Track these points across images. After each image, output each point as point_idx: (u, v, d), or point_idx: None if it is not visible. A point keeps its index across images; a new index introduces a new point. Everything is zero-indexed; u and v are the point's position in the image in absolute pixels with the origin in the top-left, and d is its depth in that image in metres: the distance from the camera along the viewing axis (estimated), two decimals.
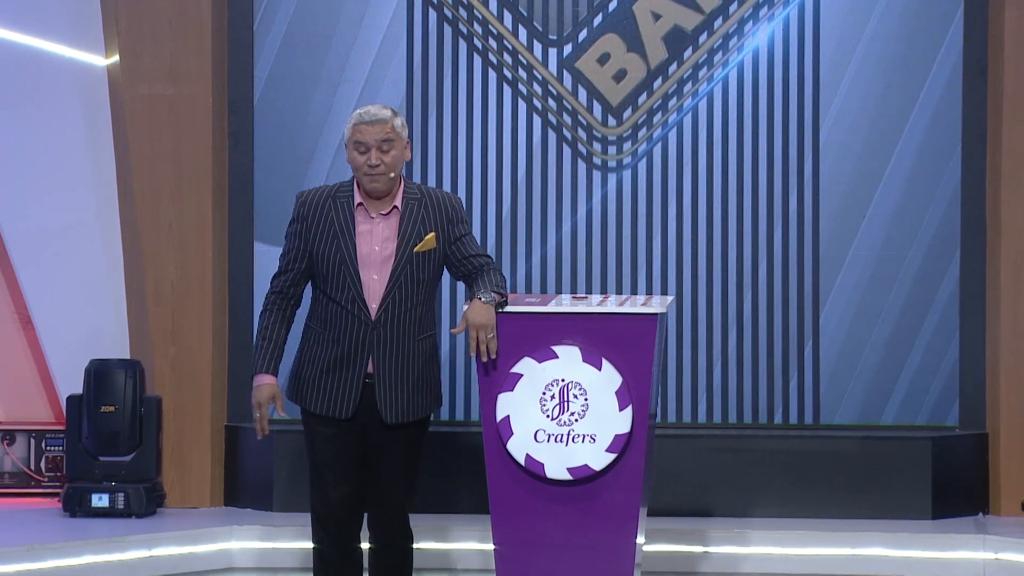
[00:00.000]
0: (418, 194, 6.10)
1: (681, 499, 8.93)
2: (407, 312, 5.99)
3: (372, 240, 6.02)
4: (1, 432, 9.72)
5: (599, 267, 9.36)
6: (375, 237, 6.02)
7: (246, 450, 9.33)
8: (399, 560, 6.22)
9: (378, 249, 6.01)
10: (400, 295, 5.99)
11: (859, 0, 9.26)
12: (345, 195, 6.06)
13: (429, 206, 6.08)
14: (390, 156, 6.00)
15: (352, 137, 6.04)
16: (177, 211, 9.32)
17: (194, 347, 9.34)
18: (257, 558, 8.63)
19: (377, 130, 6.02)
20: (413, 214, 6.04)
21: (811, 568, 8.49)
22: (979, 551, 8.47)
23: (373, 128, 6.02)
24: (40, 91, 9.34)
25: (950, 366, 9.28)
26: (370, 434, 6.03)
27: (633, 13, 9.34)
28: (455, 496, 8.63)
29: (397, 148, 6.03)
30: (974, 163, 9.25)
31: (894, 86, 9.26)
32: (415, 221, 6.03)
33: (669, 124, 9.34)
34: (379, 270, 5.99)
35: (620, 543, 5.73)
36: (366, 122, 6.03)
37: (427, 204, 6.08)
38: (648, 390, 5.71)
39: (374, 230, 6.03)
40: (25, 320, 9.76)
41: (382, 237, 6.02)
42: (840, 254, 9.29)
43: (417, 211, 6.05)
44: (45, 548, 8.14)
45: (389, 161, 6.00)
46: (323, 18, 9.39)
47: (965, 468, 9.15)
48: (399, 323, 5.98)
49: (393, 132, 6.03)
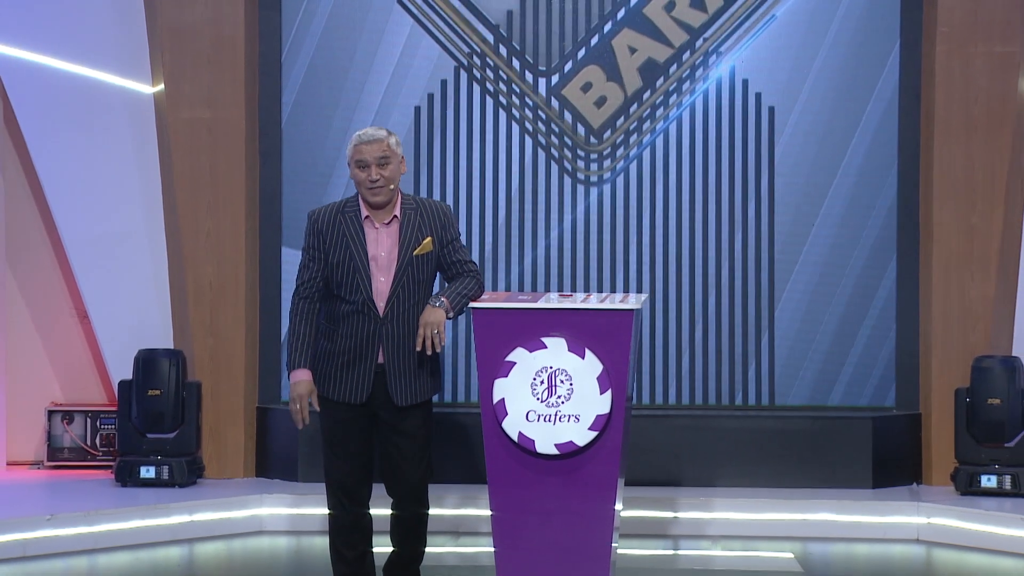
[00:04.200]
0: (414, 204, 6.09)
1: (654, 471, 8.91)
2: (410, 309, 5.98)
3: (379, 246, 6.01)
4: (61, 412, 9.70)
5: (582, 269, 9.34)
6: (380, 244, 6.01)
7: (274, 428, 9.32)
8: (414, 523, 6.21)
9: (384, 255, 6.00)
10: (403, 294, 5.98)
11: (809, 36, 9.25)
12: (352, 210, 6.05)
13: (424, 214, 6.07)
14: (388, 170, 6.00)
15: (353, 156, 6.03)
16: (214, 220, 9.30)
17: (229, 338, 9.32)
18: (284, 522, 8.62)
19: (375, 148, 6.00)
20: (411, 221, 6.04)
21: (767, 531, 8.48)
22: (913, 516, 8.47)
23: (371, 147, 6.00)
24: (95, 116, 9.32)
25: (888, 355, 9.27)
26: (381, 416, 6.02)
27: (612, 47, 9.33)
28: (456, 468, 8.61)
29: (393, 163, 6.02)
30: (909, 178, 9.24)
31: (839, 111, 9.25)
32: (413, 228, 6.03)
33: (644, 144, 9.33)
34: (385, 272, 5.99)
35: (601, 509, 5.71)
36: (364, 142, 6.01)
37: (422, 212, 6.07)
38: (625, 376, 5.69)
39: (379, 238, 6.02)
40: (82, 315, 9.75)
41: (387, 244, 6.01)
42: (792, 257, 9.28)
43: (414, 219, 6.04)
44: (100, 514, 8.14)
45: (387, 175, 5.99)
46: (342, 52, 9.38)
47: (901, 444, 9.14)
48: (404, 318, 5.97)
49: (389, 150, 6.01)
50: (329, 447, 6.09)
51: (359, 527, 6.12)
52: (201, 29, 9.25)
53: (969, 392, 8.87)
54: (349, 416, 6.03)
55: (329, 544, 6.17)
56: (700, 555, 8.05)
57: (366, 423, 6.05)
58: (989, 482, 8.74)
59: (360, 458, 6.07)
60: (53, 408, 9.71)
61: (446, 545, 8.08)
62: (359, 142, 6.01)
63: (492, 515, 5.78)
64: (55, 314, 9.89)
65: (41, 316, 9.88)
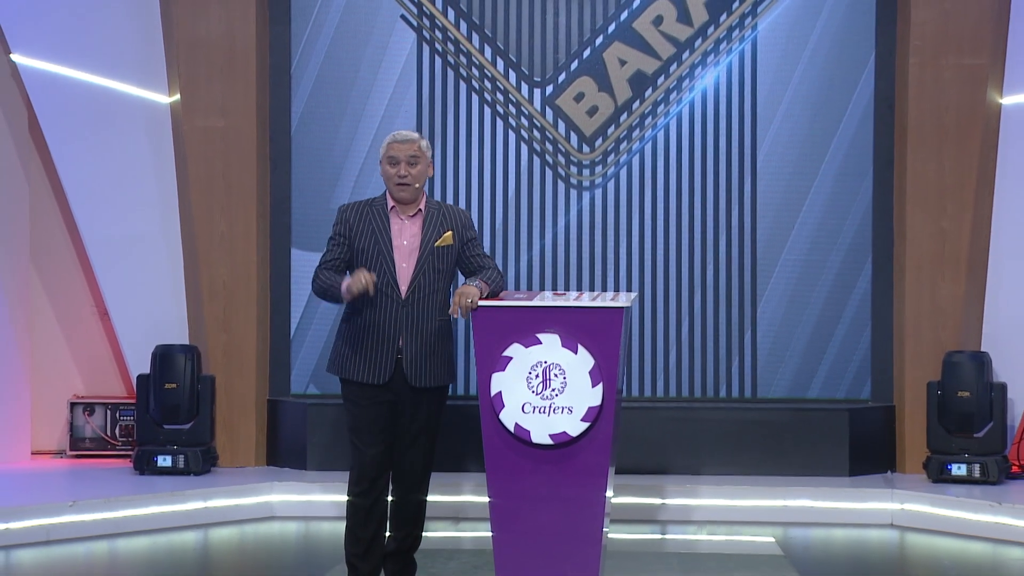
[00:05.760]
0: (437, 206, 6.21)
1: (643, 460, 8.92)
2: (429, 296, 6.05)
3: (402, 236, 6.10)
4: (82, 405, 9.70)
5: (575, 269, 9.35)
6: (404, 234, 6.10)
7: (284, 419, 9.32)
8: (414, 510, 6.25)
9: (407, 243, 6.09)
10: (424, 280, 6.05)
11: (789, 49, 9.26)
12: (380, 204, 6.17)
13: (447, 214, 6.19)
14: (416, 169, 6.09)
15: (386, 153, 6.11)
16: (227, 223, 9.30)
17: (241, 334, 9.32)
18: (294, 508, 8.62)
19: (406, 148, 6.10)
20: (434, 218, 6.14)
21: (750, 517, 8.49)
22: (888, 503, 8.48)
23: (403, 146, 6.10)
24: (115, 124, 9.32)
25: (864, 350, 9.28)
26: (399, 399, 6.06)
27: (603, 60, 9.33)
28: (456, 457, 8.61)
29: (422, 164, 6.11)
30: (884, 183, 9.25)
31: (818, 119, 9.26)
32: (435, 223, 6.13)
33: (633, 151, 9.33)
34: (407, 260, 6.07)
35: (593, 496, 5.71)
36: (398, 141, 6.13)
37: (444, 213, 6.19)
38: (616, 370, 5.70)
39: (403, 229, 6.11)
40: (102, 312, 9.75)
41: (410, 234, 6.10)
42: (774, 258, 9.28)
43: (437, 217, 6.15)
44: (119, 500, 8.15)
45: (415, 173, 6.09)
46: (348, 64, 9.38)
47: (876, 434, 9.15)
48: (423, 304, 6.04)
49: (419, 151, 6.11)
50: (355, 434, 6.11)
51: (376, 510, 6.13)
52: (215, 42, 9.26)
53: (940, 385, 8.88)
54: (370, 401, 6.06)
55: (345, 528, 6.17)
56: (686, 539, 8.05)
57: (387, 408, 6.08)
58: (959, 470, 8.75)
59: (381, 445, 6.09)
60: (75, 400, 9.72)
61: (447, 530, 8.09)
62: (392, 140, 6.13)
63: (490, 502, 5.78)
64: (77, 312, 9.89)
65: (64, 314, 9.89)
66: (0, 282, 9.32)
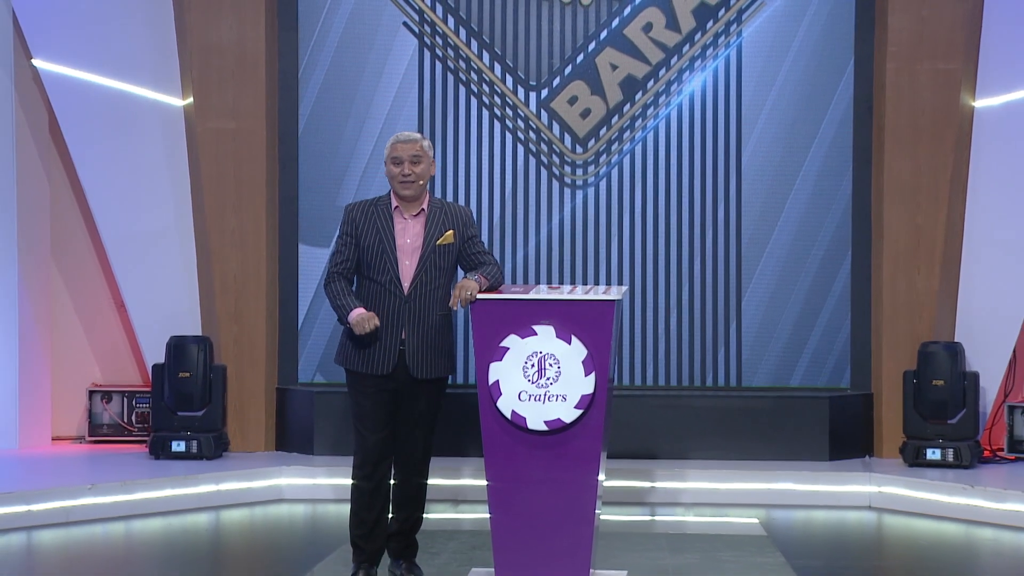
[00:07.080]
0: (440, 204, 6.16)
1: (634, 445, 8.93)
2: (431, 292, 6.03)
3: (406, 234, 6.07)
4: (100, 393, 9.72)
5: (569, 263, 9.36)
6: (408, 233, 6.07)
7: (292, 407, 9.33)
8: (415, 492, 6.25)
9: (410, 241, 6.06)
10: (426, 277, 6.03)
11: (772, 54, 9.26)
12: (384, 203, 6.13)
13: (448, 214, 6.14)
14: (419, 168, 6.06)
15: (390, 153, 6.09)
16: (238, 220, 9.31)
17: (252, 326, 9.33)
18: (301, 491, 8.63)
19: (409, 147, 6.07)
20: (436, 217, 6.10)
21: (735, 499, 8.50)
22: (866, 485, 8.49)
23: (407, 146, 6.08)
24: (131, 126, 9.32)
25: (843, 341, 9.29)
26: (402, 388, 6.06)
27: (596, 64, 9.34)
28: (456, 443, 8.62)
29: (424, 163, 6.08)
30: (862, 182, 9.26)
31: (800, 121, 9.27)
32: (438, 222, 6.09)
33: (624, 151, 9.34)
34: (411, 257, 6.04)
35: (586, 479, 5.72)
36: (402, 141, 6.10)
37: (447, 212, 6.14)
38: (608, 360, 5.70)
39: (407, 227, 6.08)
40: (119, 304, 9.76)
41: (413, 233, 6.08)
42: (757, 253, 9.29)
43: (439, 215, 6.11)
44: (135, 483, 8.16)
45: (418, 171, 6.06)
46: (353, 69, 9.39)
47: (855, 420, 9.17)
48: (425, 299, 6.02)
49: (422, 151, 6.09)
50: (359, 421, 6.10)
51: (379, 493, 6.12)
52: (227, 49, 9.26)
53: (916, 374, 8.90)
54: (374, 390, 6.05)
55: (350, 510, 6.17)
56: (675, 520, 8.07)
57: (389, 397, 6.07)
58: (934, 455, 8.77)
59: (384, 431, 6.09)
60: (93, 389, 9.73)
61: (447, 512, 8.10)
62: (396, 141, 6.10)
63: (488, 485, 5.79)
64: (95, 304, 9.90)
65: (83, 306, 9.90)
66: (23, 277, 9.33)
